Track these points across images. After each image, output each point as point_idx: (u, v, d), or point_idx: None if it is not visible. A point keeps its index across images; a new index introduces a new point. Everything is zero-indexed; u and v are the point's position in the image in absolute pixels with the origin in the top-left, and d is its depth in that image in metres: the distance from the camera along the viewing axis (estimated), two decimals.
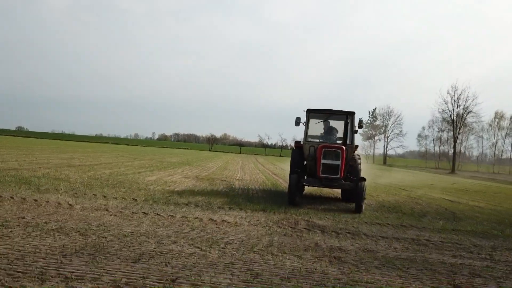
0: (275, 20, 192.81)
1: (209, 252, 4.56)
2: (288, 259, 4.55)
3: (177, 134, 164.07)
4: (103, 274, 3.58)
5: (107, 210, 6.76)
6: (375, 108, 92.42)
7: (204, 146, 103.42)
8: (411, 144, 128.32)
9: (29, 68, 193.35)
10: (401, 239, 6.27)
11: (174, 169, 18.69)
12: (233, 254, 4.54)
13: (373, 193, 13.65)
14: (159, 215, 6.68)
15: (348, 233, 6.43)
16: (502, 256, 5.56)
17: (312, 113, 10.59)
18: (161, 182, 12.09)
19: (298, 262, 4.47)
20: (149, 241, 4.88)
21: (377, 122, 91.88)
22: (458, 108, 58.43)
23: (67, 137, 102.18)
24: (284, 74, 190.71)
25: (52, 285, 3.22)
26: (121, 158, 25.94)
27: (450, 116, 59.61)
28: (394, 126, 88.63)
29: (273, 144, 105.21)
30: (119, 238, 4.90)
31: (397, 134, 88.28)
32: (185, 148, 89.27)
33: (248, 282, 3.66)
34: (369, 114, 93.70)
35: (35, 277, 3.38)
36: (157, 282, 3.47)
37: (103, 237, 4.91)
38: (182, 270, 3.85)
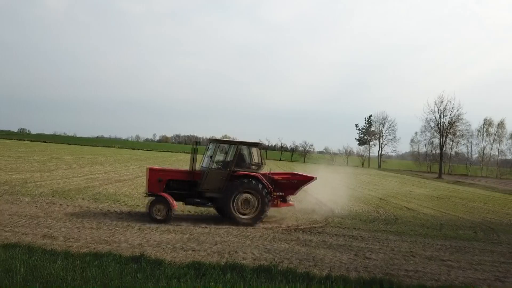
0: (273, 22, 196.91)
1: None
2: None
3: (178, 136, 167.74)
4: None
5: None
6: (371, 115, 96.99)
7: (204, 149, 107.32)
8: (405, 147, 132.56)
9: (30, 70, 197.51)
10: (346, 235, 10.69)
11: None
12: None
13: (348, 203, 17.98)
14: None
15: (317, 232, 10.86)
16: (394, 243, 10.01)
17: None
18: None
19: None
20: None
21: (372, 128, 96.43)
22: (445, 118, 63.18)
23: (71, 140, 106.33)
24: (283, 76, 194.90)
25: None
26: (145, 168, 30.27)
27: (437, 125, 64.30)
28: (388, 132, 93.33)
29: (273, 145, 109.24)
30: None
31: (391, 139, 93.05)
32: (188, 152, 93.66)
33: None
34: (365, 120, 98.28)
35: None
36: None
37: None
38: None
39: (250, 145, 12.13)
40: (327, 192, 21.67)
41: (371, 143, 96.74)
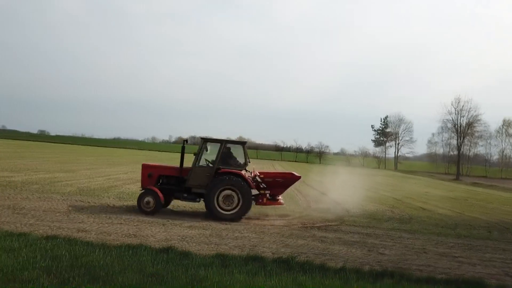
0: (281, 23, 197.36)
1: None
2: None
3: (193, 137, 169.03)
4: None
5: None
6: (387, 116, 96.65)
7: None
8: (422, 148, 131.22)
9: (47, 72, 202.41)
10: (360, 233, 11.10)
11: None
12: None
13: (364, 203, 18.30)
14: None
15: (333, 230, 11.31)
16: (408, 241, 10.38)
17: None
18: None
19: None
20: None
21: (388, 129, 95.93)
22: (462, 119, 62.66)
23: (89, 141, 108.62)
24: (294, 77, 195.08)
25: None
26: None
27: (454, 126, 63.80)
28: (404, 133, 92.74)
29: (288, 146, 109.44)
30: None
31: (408, 140, 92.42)
32: None
33: None
34: (381, 121, 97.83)
35: None
36: None
37: None
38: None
39: (235, 143, 12.70)
40: (343, 193, 22.02)
41: (387, 144, 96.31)
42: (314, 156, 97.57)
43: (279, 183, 12.48)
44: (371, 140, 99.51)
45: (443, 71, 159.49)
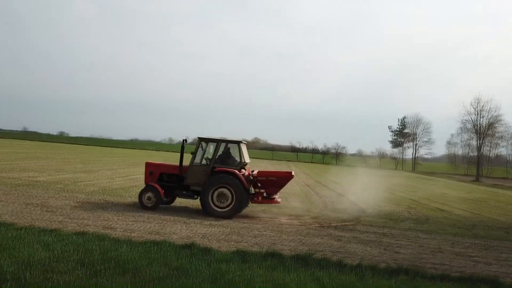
0: (298, 23, 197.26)
1: None
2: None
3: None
4: None
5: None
6: (404, 117, 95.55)
7: None
8: (440, 149, 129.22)
9: (66, 73, 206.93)
10: (376, 232, 11.27)
11: None
12: None
13: (380, 204, 18.39)
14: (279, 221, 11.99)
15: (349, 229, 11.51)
16: (423, 240, 10.50)
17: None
18: None
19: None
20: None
21: (406, 130, 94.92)
22: (482, 119, 61.64)
23: (107, 142, 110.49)
24: (310, 77, 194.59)
25: None
26: None
27: (474, 127, 62.83)
28: (422, 133, 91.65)
29: (304, 147, 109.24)
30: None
31: (426, 141, 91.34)
32: None
33: None
34: (398, 122, 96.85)
35: None
36: None
37: None
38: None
39: (230, 142, 12.84)
40: (360, 194, 22.13)
41: (405, 145, 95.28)
42: (331, 157, 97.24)
43: (273, 182, 12.55)
44: (388, 141, 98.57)
45: (463, 69, 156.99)
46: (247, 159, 12.96)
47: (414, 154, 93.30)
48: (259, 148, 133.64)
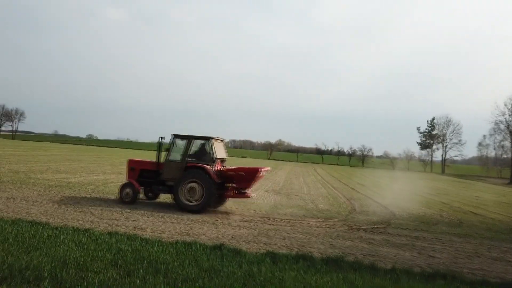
0: (321, 24, 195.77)
1: None
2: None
3: (233, 141, 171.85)
4: None
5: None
6: (433, 118, 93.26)
7: (261, 154, 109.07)
8: (471, 151, 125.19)
9: (96, 78, 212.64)
10: (408, 236, 10.96)
11: None
12: None
13: (410, 207, 17.93)
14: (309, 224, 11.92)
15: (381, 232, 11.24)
16: (458, 244, 10.13)
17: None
18: (257, 196, 17.34)
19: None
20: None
21: (435, 131, 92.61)
22: None
23: (134, 145, 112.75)
24: (334, 78, 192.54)
25: None
26: None
27: (508, 128, 60.52)
28: (452, 135, 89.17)
29: (329, 150, 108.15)
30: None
31: (456, 143, 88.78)
32: (245, 157, 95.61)
33: None
34: (427, 123, 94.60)
35: None
36: None
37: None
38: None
39: (201, 139, 13.05)
40: (389, 196, 21.70)
41: (434, 147, 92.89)
42: (357, 159, 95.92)
43: (242, 177, 12.58)
44: (417, 142, 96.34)
45: (496, 68, 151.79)
46: (221, 154, 13.27)
47: (443, 156, 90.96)
48: (283, 150, 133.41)
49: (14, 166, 23.36)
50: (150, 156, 16.71)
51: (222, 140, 13.95)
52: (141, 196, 13.67)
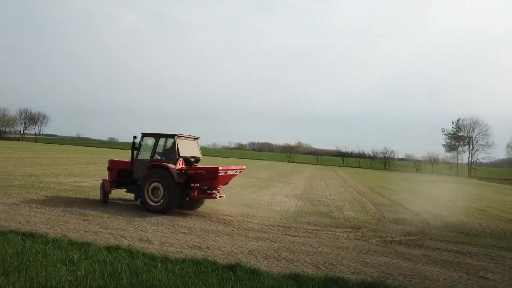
0: (337, 25, 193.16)
1: None
2: None
3: (252, 143, 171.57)
4: None
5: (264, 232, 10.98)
6: (459, 119, 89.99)
7: (280, 156, 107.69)
8: (500, 153, 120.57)
9: (115, 82, 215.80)
10: (450, 250, 9.62)
11: (272, 188, 22.95)
12: None
13: (443, 213, 16.46)
14: (330, 233, 10.76)
15: (416, 244, 9.94)
16: (511, 261, 8.76)
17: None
18: (275, 202, 16.25)
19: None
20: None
21: (461, 133, 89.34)
22: None
23: None
24: (354, 81, 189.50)
25: None
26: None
27: None
28: (479, 136, 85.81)
29: (350, 152, 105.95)
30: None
31: (483, 145, 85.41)
32: (263, 159, 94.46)
33: None
34: (453, 124, 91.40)
35: None
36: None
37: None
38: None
39: (166, 136, 12.58)
40: (418, 202, 20.22)
41: (460, 149, 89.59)
42: (379, 162, 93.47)
43: (202, 176, 11.73)
44: (442, 144, 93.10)
45: None
46: (190, 153, 12.67)
47: (470, 159, 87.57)
48: (302, 152, 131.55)
49: (29, 169, 22.90)
50: None
51: (195, 138, 13.31)
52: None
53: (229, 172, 12.14)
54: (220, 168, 11.55)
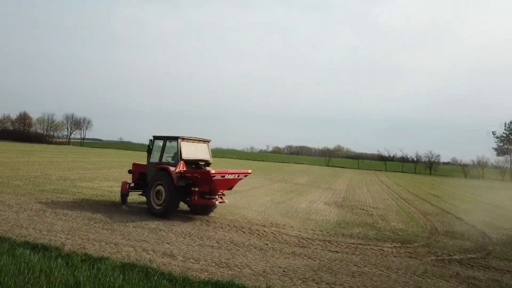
0: (383, 27, 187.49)
1: None
2: None
3: (290, 147, 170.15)
4: None
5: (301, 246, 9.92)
6: None
7: (319, 160, 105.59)
8: None
9: (157, 87, 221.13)
10: None
11: (310, 194, 21.72)
12: None
13: (505, 226, 14.64)
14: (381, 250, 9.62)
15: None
16: None
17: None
18: (314, 210, 15.10)
19: None
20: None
21: None
22: None
23: None
24: (396, 82, 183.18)
25: None
26: (261, 178, 29.87)
27: None
28: None
29: (392, 156, 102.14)
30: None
31: None
32: (301, 163, 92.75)
33: None
34: (505, 126, 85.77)
35: None
36: None
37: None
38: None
39: (170, 139, 12.29)
40: (473, 211, 18.41)
41: None
42: (424, 166, 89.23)
43: (199, 180, 11.07)
44: (492, 148, 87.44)
45: None
46: (196, 156, 12.26)
47: None
48: (342, 156, 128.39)
49: (66, 173, 23.03)
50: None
51: (204, 141, 12.79)
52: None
53: (228, 176, 11.29)
54: (212, 171, 10.78)
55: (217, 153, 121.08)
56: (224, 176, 11.13)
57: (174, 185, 11.09)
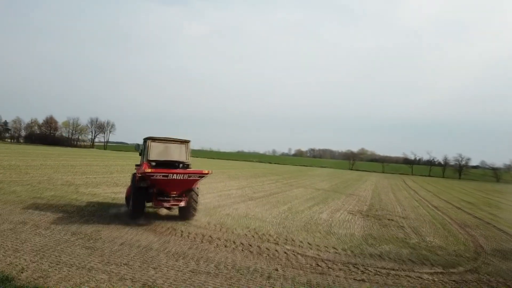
0: (407, 27, 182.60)
1: None
2: None
3: (312, 150, 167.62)
4: None
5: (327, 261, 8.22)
6: None
7: (342, 164, 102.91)
8: None
9: (181, 91, 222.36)
10: None
11: (333, 201, 19.86)
12: None
13: None
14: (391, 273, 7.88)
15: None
16: None
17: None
18: (337, 222, 13.30)
19: None
20: None
21: None
22: None
23: (215, 154, 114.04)
24: (422, 84, 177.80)
25: None
26: (280, 183, 28.18)
27: None
28: None
29: (418, 159, 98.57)
30: None
31: None
32: (324, 167, 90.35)
33: None
34: None
35: None
36: None
37: None
38: None
39: (146, 140, 11.76)
40: None
41: None
42: (452, 170, 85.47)
43: (156, 181, 10.17)
44: None
45: None
46: (168, 156, 11.69)
47: None
48: (366, 159, 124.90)
49: (74, 177, 21.96)
50: (230, 167, 13.55)
51: (182, 142, 12.03)
52: None
53: (175, 177, 10.07)
54: (147, 170, 9.73)
55: (239, 156, 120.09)
56: (168, 176, 10.03)
57: (135, 186, 10.71)
